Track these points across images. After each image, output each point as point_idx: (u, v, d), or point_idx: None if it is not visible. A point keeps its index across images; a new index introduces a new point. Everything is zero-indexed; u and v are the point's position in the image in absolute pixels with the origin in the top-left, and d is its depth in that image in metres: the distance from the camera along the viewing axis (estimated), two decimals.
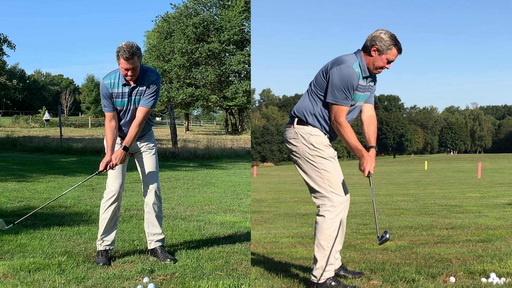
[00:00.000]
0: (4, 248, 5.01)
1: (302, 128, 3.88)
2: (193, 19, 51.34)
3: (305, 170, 3.89)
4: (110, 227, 4.73)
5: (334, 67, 3.76)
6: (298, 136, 3.88)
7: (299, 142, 3.87)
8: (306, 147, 3.86)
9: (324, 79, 3.82)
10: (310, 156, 3.85)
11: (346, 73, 3.72)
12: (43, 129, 44.90)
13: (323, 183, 3.83)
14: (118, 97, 4.57)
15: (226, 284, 3.98)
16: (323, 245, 3.79)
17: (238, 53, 51.88)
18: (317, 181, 3.85)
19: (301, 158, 3.88)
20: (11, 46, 36.35)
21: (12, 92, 46.53)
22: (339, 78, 3.72)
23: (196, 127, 78.07)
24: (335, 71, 3.74)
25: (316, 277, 3.81)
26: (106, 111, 4.61)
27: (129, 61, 4.33)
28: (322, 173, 3.84)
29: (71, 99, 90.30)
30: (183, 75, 52.79)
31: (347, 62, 3.76)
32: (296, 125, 3.90)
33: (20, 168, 13.98)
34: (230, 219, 6.89)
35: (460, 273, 4.25)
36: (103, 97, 4.60)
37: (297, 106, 3.98)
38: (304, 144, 3.86)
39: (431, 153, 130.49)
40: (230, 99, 52.48)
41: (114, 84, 4.54)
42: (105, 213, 4.70)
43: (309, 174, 3.88)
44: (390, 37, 3.81)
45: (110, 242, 4.74)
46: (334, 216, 3.81)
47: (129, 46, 4.32)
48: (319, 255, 3.81)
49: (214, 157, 20.69)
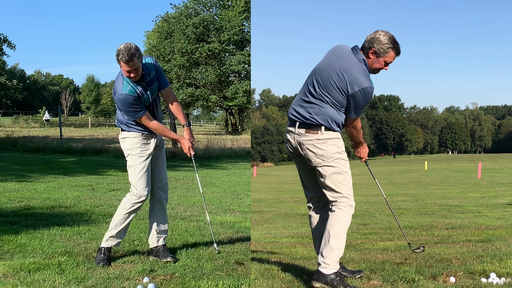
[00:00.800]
0: (4, 248, 5.01)
1: (330, 133, 3.93)
2: (193, 19, 51.33)
3: (328, 173, 3.92)
4: (127, 226, 4.77)
5: (356, 89, 3.78)
6: (326, 141, 3.92)
7: (328, 146, 3.91)
8: (337, 151, 3.93)
9: (343, 97, 3.84)
10: (336, 159, 3.93)
11: (370, 95, 3.84)
12: (43, 129, 44.92)
13: (344, 185, 3.94)
14: (143, 95, 4.58)
15: (226, 284, 3.98)
16: (341, 236, 3.86)
17: (238, 53, 51.88)
18: (338, 183, 3.93)
19: (326, 161, 3.91)
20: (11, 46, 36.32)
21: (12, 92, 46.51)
22: (363, 100, 3.85)
23: (196, 127, 78.06)
24: (359, 96, 3.81)
25: (329, 264, 3.80)
26: (143, 115, 4.55)
27: (129, 63, 4.33)
28: (344, 176, 3.95)
29: (71, 99, 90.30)
30: (183, 75, 52.78)
31: (367, 82, 3.79)
32: (325, 131, 3.92)
33: (20, 168, 13.98)
34: (230, 219, 6.89)
35: (460, 273, 4.25)
36: (131, 105, 4.48)
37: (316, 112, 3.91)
38: (334, 147, 3.92)
39: (431, 153, 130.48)
40: (230, 99, 52.49)
41: (133, 87, 4.51)
42: (130, 213, 4.68)
43: (332, 177, 3.92)
44: (388, 39, 3.81)
45: (121, 240, 4.78)
46: (351, 213, 3.95)
47: (127, 49, 4.32)
48: (338, 244, 3.83)
49: (214, 157, 20.70)
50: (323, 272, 3.78)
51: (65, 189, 9.73)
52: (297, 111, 3.98)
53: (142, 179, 4.65)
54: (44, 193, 9.12)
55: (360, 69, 3.82)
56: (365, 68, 3.85)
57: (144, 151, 4.68)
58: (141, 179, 4.65)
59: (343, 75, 3.81)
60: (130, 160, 4.70)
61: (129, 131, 4.68)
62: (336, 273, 3.78)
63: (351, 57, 3.86)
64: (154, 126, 4.64)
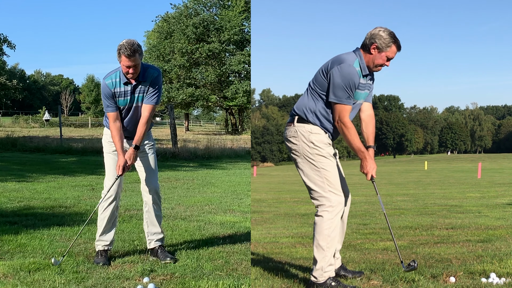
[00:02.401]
0: (4, 248, 5.00)
1: (302, 126, 3.86)
2: (193, 19, 51.32)
3: (304, 169, 3.87)
4: (109, 227, 4.73)
5: (335, 66, 3.74)
6: (298, 134, 3.86)
7: (299, 140, 3.85)
8: (306, 145, 3.83)
9: (325, 79, 3.80)
10: (309, 154, 3.83)
11: (347, 72, 3.71)
12: (43, 129, 44.89)
13: (322, 182, 3.81)
14: (120, 96, 4.55)
15: (226, 284, 3.98)
16: (323, 245, 3.78)
17: (238, 53, 51.86)
18: (315, 180, 3.83)
19: (301, 156, 3.86)
20: (11, 46, 36.35)
21: (12, 92, 46.49)
22: (340, 77, 3.71)
23: (196, 127, 78.05)
24: (336, 71, 3.72)
25: (316, 277, 3.81)
26: (110, 111, 4.55)
27: (130, 58, 4.33)
28: (321, 172, 3.81)
29: (71, 99, 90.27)
30: (183, 75, 52.77)
31: (347, 61, 3.75)
32: (297, 123, 3.88)
33: (20, 168, 13.98)
34: (230, 219, 6.89)
35: (460, 273, 4.25)
36: (105, 97, 4.54)
37: (297, 104, 3.96)
38: (304, 142, 3.84)
39: (431, 153, 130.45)
40: (230, 99, 52.47)
41: (116, 83, 4.52)
42: (103, 213, 4.69)
43: (308, 173, 3.85)
44: (389, 34, 3.81)
45: (109, 243, 4.73)
46: (333, 216, 3.79)
47: (130, 44, 4.32)
48: (319, 255, 3.79)
49: (214, 157, 20.69)
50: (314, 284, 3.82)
51: (65, 189, 9.73)
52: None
53: (109, 175, 4.70)
54: (44, 193, 9.12)
55: (348, 53, 3.82)
56: (355, 56, 3.82)
57: (112, 148, 4.69)
58: (107, 177, 4.71)
59: (330, 60, 3.83)
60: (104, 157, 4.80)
61: (105, 126, 4.78)
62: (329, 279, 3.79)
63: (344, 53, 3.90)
64: (111, 128, 4.57)
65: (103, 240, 4.71)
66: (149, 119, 4.61)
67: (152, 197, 4.80)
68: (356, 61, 3.79)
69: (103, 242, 4.71)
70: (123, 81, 4.51)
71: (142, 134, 4.59)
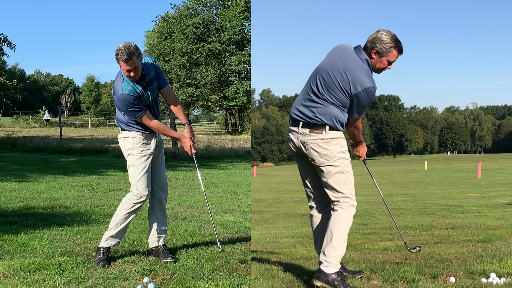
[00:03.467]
0: (4, 248, 5.01)
1: (335, 133, 3.93)
2: (193, 19, 51.32)
3: (331, 172, 3.92)
4: (127, 226, 4.77)
5: (359, 89, 3.79)
6: (330, 141, 3.91)
7: (332, 146, 3.91)
8: (338, 151, 3.92)
9: (346, 96, 3.84)
10: (340, 159, 3.92)
11: (372, 95, 3.85)
12: (43, 129, 44.90)
13: (346, 185, 3.94)
14: (142, 95, 4.58)
15: (226, 284, 3.99)
16: (344, 236, 3.87)
17: (238, 53, 51.86)
18: (341, 183, 3.93)
19: (330, 160, 3.91)
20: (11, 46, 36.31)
21: (12, 92, 46.50)
22: (367, 100, 3.86)
23: (196, 127, 78.04)
24: (363, 95, 3.81)
25: (331, 263, 3.79)
26: (143, 114, 4.55)
27: (128, 62, 4.33)
28: (347, 176, 3.95)
29: (71, 99, 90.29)
30: (183, 75, 52.77)
31: (370, 81, 3.80)
32: (329, 131, 3.91)
33: (20, 168, 13.98)
34: (230, 219, 6.89)
35: (460, 273, 4.25)
36: (131, 105, 4.47)
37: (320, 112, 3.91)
38: (338, 147, 3.92)
39: (431, 153, 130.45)
40: (230, 99, 52.48)
41: (133, 87, 4.51)
42: (130, 213, 4.67)
43: (335, 176, 3.92)
44: (390, 38, 3.81)
45: (120, 240, 4.78)
46: (352, 213, 3.96)
47: (126, 48, 4.32)
48: (340, 244, 3.83)
49: (214, 157, 20.70)
50: (325, 271, 3.77)
51: (65, 189, 9.73)
52: (300, 111, 3.97)
53: (143, 179, 4.65)
54: (44, 193, 9.12)
55: (363, 69, 3.82)
56: (368, 68, 3.85)
57: (145, 151, 4.68)
58: (142, 179, 4.65)
59: (347, 75, 3.81)
60: (130, 159, 4.69)
61: (129, 130, 4.67)
62: (338, 273, 3.77)
63: (354, 57, 3.86)
64: (155, 126, 4.64)
65: (117, 238, 4.71)
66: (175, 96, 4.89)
67: (165, 194, 4.91)
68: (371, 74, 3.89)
69: (117, 240, 4.71)
70: (135, 82, 4.53)
71: (183, 109, 4.89)
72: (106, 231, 4.75)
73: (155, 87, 4.68)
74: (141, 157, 4.67)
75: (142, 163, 4.66)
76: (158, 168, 4.86)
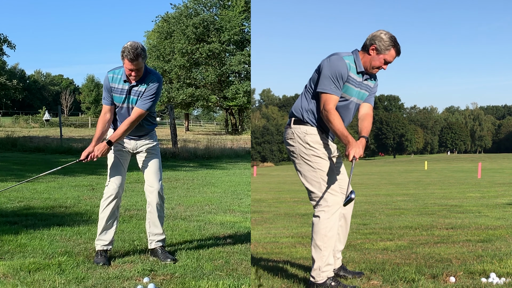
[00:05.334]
0: (4, 248, 5.00)
1: (298, 127, 3.89)
2: (193, 19, 51.31)
3: (302, 170, 3.90)
4: (108, 226, 4.71)
5: (325, 58, 3.83)
6: (294, 136, 3.89)
7: (296, 142, 3.88)
8: (302, 146, 3.86)
9: (317, 74, 3.86)
10: (305, 155, 3.86)
11: (335, 63, 3.76)
12: (43, 129, 44.90)
13: (318, 183, 3.84)
14: (117, 92, 4.58)
15: (226, 284, 3.98)
16: (319, 245, 3.79)
17: (238, 53, 51.86)
18: (311, 181, 3.85)
19: (298, 157, 3.89)
20: (11, 46, 36.37)
21: (12, 92, 46.52)
22: (328, 67, 3.76)
23: (196, 127, 78.05)
24: (325, 62, 3.81)
25: (314, 277, 3.81)
26: (104, 103, 4.68)
27: (133, 62, 4.33)
28: (317, 173, 3.84)
29: (71, 99, 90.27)
30: (183, 75, 52.78)
31: (339, 54, 3.82)
32: (293, 125, 3.91)
33: (20, 168, 13.98)
34: (230, 219, 6.89)
35: (460, 273, 4.25)
36: (104, 89, 4.65)
37: (294, 106, 4.01)
38: (300, 144, 3.87)
39: (431, 153, 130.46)
40: (230, 99, 52.48)
41: (116, 78, 4.56)
42: (103, 212, 4.68)
43: (305, 174, 3.88)
44: (389, 38, 3.82)
45: (108, 242, 4.71)
46: (329, 216, 3.79)
47: (134, 47, 4.31)
48: (316, 255, 3.81)
49: (214, 157, 20.69)
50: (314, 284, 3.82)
51: (65, 189, 9.73)
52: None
53: (110, 175, 4.71)
54: (44, 193, 9.12)
55: (343, 52, 3.85)
56: (350, 54, 3.85)
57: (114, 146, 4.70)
58: (109, 175, 4.72)
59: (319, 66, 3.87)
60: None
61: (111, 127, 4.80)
62: (328, 279, 3.78)
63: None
64: (99, 120, 4.70)
65: (102, 240, 4.70)
66: (134, 122, 4.54)
67: (156, 198, 4.78)
68: (350, 56, 3.83)
69: (102, 241, 4.70)
70: (124, 78, 4.55)
71: (121, 132, 4.54)
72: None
73: (134, 100, 4.60)
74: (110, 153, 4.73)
75: (111, 159, 4.74)
76: (146, 171, 4.80)
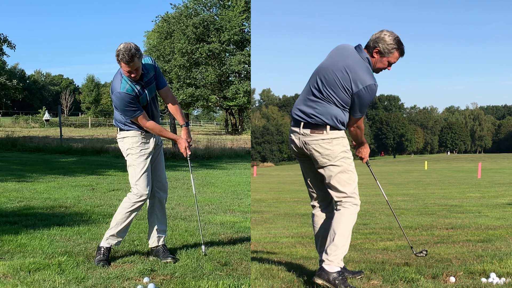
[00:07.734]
0: (4, 248, 5.00)
1: (336, 132, 3.92)
2: (193, 19, 51.28)
3: (333, 173, 3.91)
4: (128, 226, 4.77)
5: (361, 87, 3.78)
6: (332, 141, 3.91)
7: (334, 146, 3.90)
8: (342, 150, 3.92)
9: (347, 95, 3.83)
10: (342, 158, 3.92)
11: (374, 93, 3.84)
12: (43, 129, 44.88)
13: (349, 185, 3.93)
14: (140, 94, 4.57)
15: (226, 284, 3.98)
16: (348, 234, 3.91)
17: (238, 53, 51.84)
18: (344, 182, 3.92)
19: (333, 160, 3.90)
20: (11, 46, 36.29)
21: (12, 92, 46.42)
22: (369, 98, 3.85)
23: (196, 127, 78.00)
24: (364, 93, 3.80)
25: (332, 261, 3.79)
26: (139, 114, 4.53)
27: (129, 64, 4.33)
28: (350, 175, 3.94)
29: (71, 99, 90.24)
30: (183, 75, 52.75)
31: (372, 79, 3.80)
32: (330, 131, 3.90)
33: (20, 168, 13.98)
34: (230, 219, 6.89)
35: (460, 273, 4.25)
36: (128, 104, 4.46)
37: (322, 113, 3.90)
38: (339, 146, 3.91)
39: (431, 153, 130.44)
40: (230, 99, 52.47)
41: (131, 87, 4.50)
42: (134, 211, 4.67)
43: (338, 177, 3.92)
44: (393, 39, 3.82)
45: (121, 240, 4.77)
46: (356, 212, 3.97)
47: (127, 49, 4.29)
48: (342, 241, 3.85)
49: (214, 157, 20.70)
50: (327, 269, 3.77)
51: (65, 189, 9.73)
52: (301, 111, 3.97)
53: (143, 178, 4.65)
54: (44, 193, 9.12)
55: (364, 67, 3.83)
56: (368, 66, 3.86)
57: (143, 150, 4.68)
58: (141, 178, 4.65)
59: (348, 73, 3.81)
60: (130, 159, 4.69)
61: (128, 130, 4.67)
62: (339, 272, 3.77)
63: (355, 55, 3.87)
64: (151, 126, 4.62)
65: (118, 238, 4.71)
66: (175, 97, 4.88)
67: (166, 195, 4.92)
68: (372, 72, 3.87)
69: (118, 239, 4.71)
70: (132, 82, 4.52)
71: (181, 110, 4.88)
72: (107, 231, 4.75)
73: (154, 87, 4.67)
74: (140, 156, 4.66)
75: (142, 163, 4.66)
76: (158, 168, 4.86)
